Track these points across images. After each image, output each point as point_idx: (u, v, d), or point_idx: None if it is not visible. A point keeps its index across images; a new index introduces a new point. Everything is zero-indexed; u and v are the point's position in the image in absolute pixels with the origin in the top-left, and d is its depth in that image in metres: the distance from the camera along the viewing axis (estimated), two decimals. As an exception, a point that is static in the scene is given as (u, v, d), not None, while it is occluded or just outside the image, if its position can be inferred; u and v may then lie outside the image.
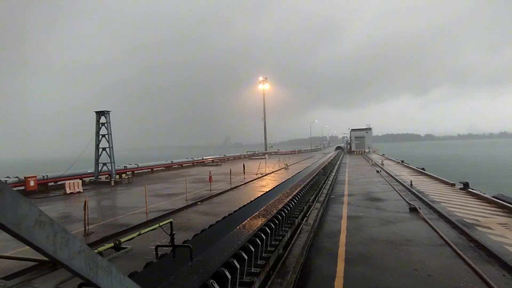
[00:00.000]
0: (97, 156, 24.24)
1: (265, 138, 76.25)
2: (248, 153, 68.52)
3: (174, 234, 3.68)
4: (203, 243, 4.50)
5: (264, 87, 73.09)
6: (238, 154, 63.54)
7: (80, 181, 21.42)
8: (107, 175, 24.73)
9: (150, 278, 3.32)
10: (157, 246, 3.72)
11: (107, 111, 24.04)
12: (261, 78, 73.77)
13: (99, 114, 24.07)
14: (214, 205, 14.46)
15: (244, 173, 26.41)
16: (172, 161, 38.39)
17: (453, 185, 17.10)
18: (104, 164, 24.38)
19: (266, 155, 61.87)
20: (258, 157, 59.08)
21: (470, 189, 15.06)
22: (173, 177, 27.85)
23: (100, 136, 24.18)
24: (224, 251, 4.12)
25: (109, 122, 24.10)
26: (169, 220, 3.70)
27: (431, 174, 22.08)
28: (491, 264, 6.36)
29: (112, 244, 2.84)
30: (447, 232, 8.60)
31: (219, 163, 44.64)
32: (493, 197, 13.51)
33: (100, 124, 24.08)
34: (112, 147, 24.32)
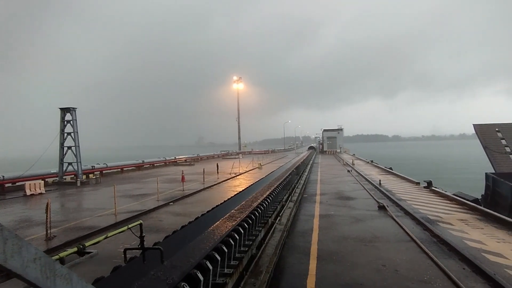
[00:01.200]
0: (62, 155, 22.96)
1: (239, 138, 76.14)
2: (222, 152, 68.04)
3: (144, 236, 3.53)
4: (174, 245, 4.37)
5: (238, 86, 72.92)
6: (212, 153, 62.91)
7: (42, 181, 20.16)
8: (72, 175, 23.50)
9: (117, 283, 3.17)
10: (125, 249, 3.56)
11: (73, 108, 22.83)
12: (235, 78, 73.54)
13: (64, 111, 22.80)
14: (186, 205, 14.18)
15: (217, 172, 26.17)
16: (143, 161, 37.24)
17: (418, 183, 17.98)
18: (70, 163, 23.15)
19: (240, 154, 61.78)
20: (232, 157, 58.85)
21: (433, 188, 15.92)
22: (144, 177, 27.02)
23: (66, 134, 22.93)
24: (197, 253, 4.03)
25: (75, 120, 22.90)
26: (138, 222, 3.55)
27: (398, 174, 23.10)
28: (452, 258, 6.73)
29: (75, 249, 2.67)
30: (412, 229, 9.00)
31: (192, 163, 43.93)
32: (453, 194, 14.37)
33: (65, 122, 22.83)
34: (79, 146, 23.15)
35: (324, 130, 72.51)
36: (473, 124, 27.92)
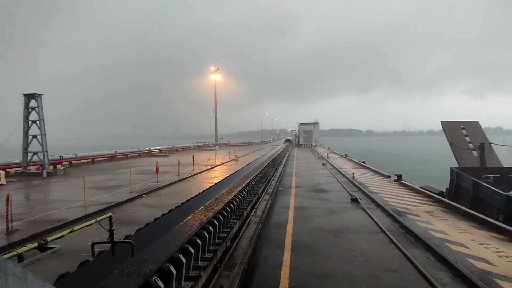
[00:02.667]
0: (26, 144, 21.68)
1: (216, 130, 75.55)
2: (198, 144, 67.24)
3: (114, 229, 3.38)
4: (147, 238, 4.24)
5: (216, 77, 72.01)
6: (188, 145, 61.98)
7: (3, 172, 18.94)
8: (38, 166, 22.30)
9: (84, 279, 3.02)
10: (93, 244, 3.40)
11: (38, 94, 21.52)
12: (213, 68, 72.50)
13: (29, 97, 21.46)
14: (161, 197, 13.90)
15: (193, 164, 25.83)
16: (116, 151, 36.01)
17: (388, 177, 18.69)
18: (35, 153, 21.93)
19: (217, 146, 61.31)
20: (208, 149, 58.29)
21: (402, 181, 16.60)
22: (117, 168, 26.16)
23: (30, 122, 21.64)
24: (169, 246, 3.92)
25: (41, 107, 21.63)
26: (108, 215, 3.39)
27: (371, 167, 23.89)
28: (418, 248, 7.06)
29: (36, 244, 2.49)
30: (382, 220, 9.35)
31: (167, 154, 43.08)
32: (421, 187, 15.07)
33: (30, 109, 21.51)
34: (45, 135, 21.94)
35: (300, 123, 73.40)
36: (441, 121, 29.35)
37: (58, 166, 24.63)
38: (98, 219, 3.19)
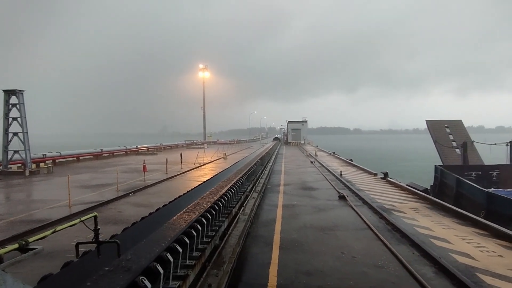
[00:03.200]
0: (6, 142, 21.00)
1: (204, 127, 75.11)
2: (186, 142, 66.66)
3: (99, 229, 3.31)
4: (133, 237, 4.17)
5: (204, 75, 71.49)
6: (176, 143, 61.36)
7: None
8: (20, 165, 21.66)
9: (68, 280, 2.95)
10: (77, 244, 3.31)
11: (20, 90, 20.86)
12: (201, 66, 71.93)
13: (9, 93, 20.77)
14: (148, 196, 13.73)
15: (181, 162, 25.60)
16: (102, 149, 35.32)
17: (375, 174, 18.98)
18: (16, 151, 21.28)
19: (205, 144, 60.94)
20: (197, 147, 57.87)
21: (389, 178, 16.90)
22: (103, 166, 25.68)
23: (10, 119, 20.97)
24: (157, 245, 3.87)
25: (23, 104, 20.99)
26: (93, 214, 3.31)
27: (358, 165, 24.21)
28: (404, 244, 7.19)
29: (16, 245, 2.41)
30: (369, 217, 9.49)
31: (155, 152, 42.57)
32: (406, 185, 15.38)
33: (10, 105, 20.83)
34: (27, 132, 21.31)
35: (289, 121, 73.70)
36: (426, 120, 30.01)
37: (41, 164, 23.98)
38: (82, 218, 3.11)
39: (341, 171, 19.44)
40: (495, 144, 25.43)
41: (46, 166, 23.13)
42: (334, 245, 7.20)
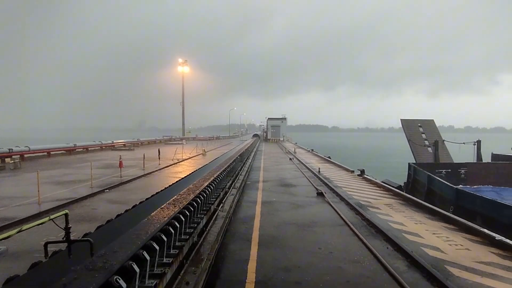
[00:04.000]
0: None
1: (183, 123, 73.97)
2: (165, 137, 65.40)
3: (71, 227, 3.16)
4: (108, 235, 4.03)
5: (183, 69, 70.27)
6: (154, 138, 60.06)
7: None
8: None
9: (36, 281, 2.80)
10: (46, 243, 3.15)
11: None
12: (180, 60, 70.61)
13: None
14: (124, 192, 13.35)
15: (159, 158, 25.08)
16: (75, 144, 33.89)
17: (352, 171, 19.45)
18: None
19: (184, 140, 60.03)
20: (175, 142, 56.93)
21: (365, 175, 17.36)
22: (76, 162, 24.68)
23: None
24: (133, 243, 3.76)
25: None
26: (64, 212, 3.16)
27: (336, 162, 24.71)
28: (378, 239, 7.42)
29: (-23, 246, 2.25)
30: (346, 213, 9.71)
31: (132, 148, 41.43)
32: (382, 182, 15.86)
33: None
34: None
35: (268, 118, 74.01)
36: (401, 119, 31.03)
37: (7, 159, 22.67)
38: (52, 216, 2.96)
39: (319, 168, 19.76)
40: (463, 143, 26.75)
41: (12, 161, 21.87)
42: (312, 241, 7.31)
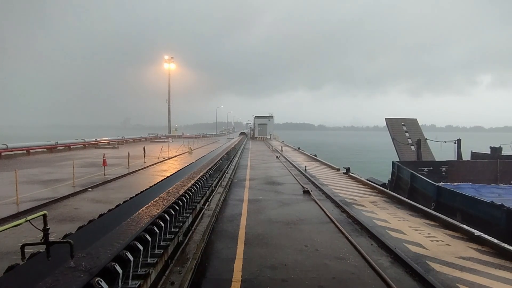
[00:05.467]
0: None
1: (169, 121, 73.08)
2: (150, 135, 64.42)
3: (49, 228, 3.05)
4: (90, 236, 3.92)
5: (169, 66, 69.32)
6: (139, 136, 59.03)
7: None
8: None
9: (13, 285, 2.69)
10: (23, 245, 3.04)
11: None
12: (166, 57, 69.60)
13: None
14: (108, 191, 13.07)
15: (144, 156, 24.67)
16: (56, 142, 32.91)
17: (338, 169, 19.69)
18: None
19: (170, 138, 59.34)
20: (161, 140, 56.16)
21: (350, 173, 17.61)
22: (58, 160, 23.98)
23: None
24: (116, 244, 3.67)
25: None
26: (41, 213, 3.05)
27: (322, 160, 24.96)
28: (363, 236, 7.54)
29: None
30: (332, 211, 9.81)
31: (116, 146, 40.61)
32: (367, 179, 16.11)
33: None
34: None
35: (255, 116, 74.02)
36: (385, 118, 31.62)
37: (-15, 158, 21.84)
38: (29, 217, 2.85)
39: (305, 166, 19.90)
40: (445, 141, 27.54)
41: (-9, 159, 21.09)
42: (298, 238, 7.35)
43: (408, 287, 5.11)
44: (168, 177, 9.74)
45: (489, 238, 6.85)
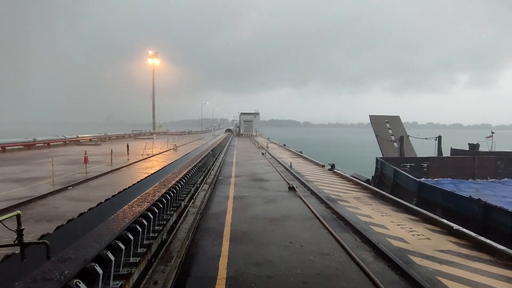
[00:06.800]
0: None
1: (154, 117, 71.89)
2: (134, 132, 63.24)
3: (23, 229, 2.92)
4: (68, 236, 3.79)
5: (154, 62, 68.07)
6: (122, 133, 57.85)
7: None
8: None
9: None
10: (-5, 247, 2.90)
11: None
12: (150, 52, 68.30)
13: None
14: (89, 189, 12.73)
15: (128, 153, 24.18)
16: (35, 139, 31.74)
17: (323, 166, 19.88)
18: None
19: (154, 135, 58.41)
20: (145, 137, 55.24)
21: (335, 170, 17.82)
22: (36, 158, 23.18)
23: None
24: (96, 243, 3.56)
25: None
26: (15, 213, 2.91)
27: (307, 157, 25.15)
28: (347, 232, 7.64)
29: None
30: (316, 207, 9.90)
31: (99, 143, 39.63)
32: (351, 176, 16.37)
33: None
34: None
35: (241, 113, 73.88)
36: (369, 115, 32.19)
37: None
38: (1, 218, 2.71)
39: (291, 163, 20.00)
40: (426, 138, 28.31)
41: (-36, 157, 20.15)
42: (283, 235, 7.37)
43: (390, 280, 5.21)
44: (152, 174, 9.58)
45: (467, 231, 7.08)
